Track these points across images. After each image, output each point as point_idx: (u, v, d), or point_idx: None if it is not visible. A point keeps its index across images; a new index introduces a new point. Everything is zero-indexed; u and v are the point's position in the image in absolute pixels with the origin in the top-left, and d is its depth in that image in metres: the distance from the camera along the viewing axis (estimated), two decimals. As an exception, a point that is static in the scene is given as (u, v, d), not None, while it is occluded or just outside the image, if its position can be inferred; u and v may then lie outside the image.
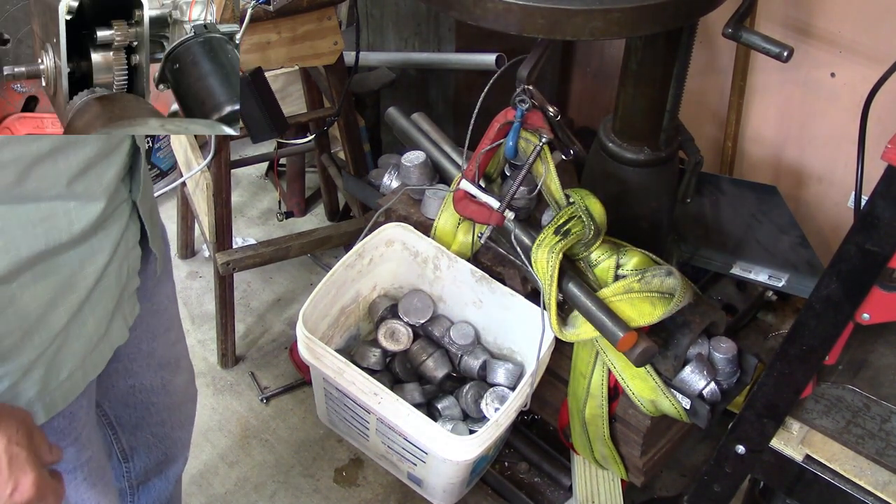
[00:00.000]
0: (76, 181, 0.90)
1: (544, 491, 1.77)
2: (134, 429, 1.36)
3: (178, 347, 1.37)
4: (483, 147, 1.48)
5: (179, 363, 1.38)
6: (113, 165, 0.96)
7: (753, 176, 2.09)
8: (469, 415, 1.62)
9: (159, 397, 1.35)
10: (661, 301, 1.40)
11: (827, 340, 1.06)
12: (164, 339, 1.29)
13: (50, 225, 0.90)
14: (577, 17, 1.24)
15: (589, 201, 1.47)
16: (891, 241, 0.93)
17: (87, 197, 0.93)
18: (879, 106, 1.20)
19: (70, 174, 0.89)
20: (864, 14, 1.76)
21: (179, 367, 1.38)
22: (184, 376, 1.41)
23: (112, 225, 1.00)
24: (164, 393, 1.35)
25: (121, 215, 1.03)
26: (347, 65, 1.98)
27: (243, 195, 2.74)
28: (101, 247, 0.98)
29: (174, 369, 1.36)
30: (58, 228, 0.91)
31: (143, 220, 1.09)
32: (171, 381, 1.36)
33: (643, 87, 1.59)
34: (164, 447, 1.43)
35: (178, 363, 1.37)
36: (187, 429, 1.50)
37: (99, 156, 0.92)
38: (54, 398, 1.00)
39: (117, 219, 1.02)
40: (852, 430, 1.15)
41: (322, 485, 1.97)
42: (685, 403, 1.45)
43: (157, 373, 1.31)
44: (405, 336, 1.67)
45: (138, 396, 1.31)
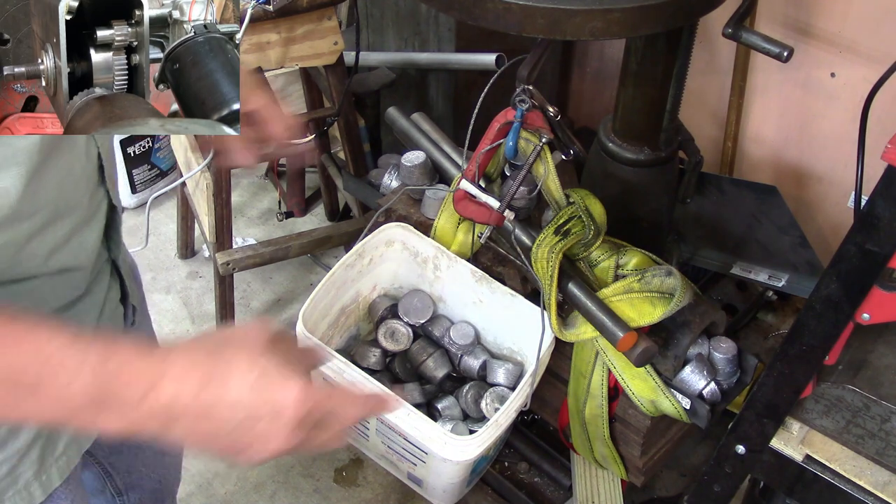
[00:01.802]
0: (60, 253, 0.89)
1: (544, 491, 1.77)
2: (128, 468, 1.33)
3: None
4: (483, 147, 1.47)
5: None
6: (94, 230, 0.95)
7: (753, 176, 2.09)
8: (469, 415, 1.62)
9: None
10: (661, 301, 1.40)
11: (827, 340, 1.06)
12: None
13: (37, 298, 0.88)
14: (577, 17, 1.23)
15: (589, 201, 1.47)
16: (891, 241, 0.93)
17: (72, 266, 0.92)
18: (879, 106, 1.20)
19: (56, 246, 0.87)
20: (864, 14, 1.76)
21: None
22: None
23: (95, 287, 0.99)
24: None
25: (103, 277, 1.02)
26: (347, 65, 1.98)
27: (243, 195, 2.74)
28: (86, 312, 0.97)
29: None
30: (44, 301, 0.90)
31: (122, 277, 1.07)
32: None
33: (643, 87, 1.59)
34: (158, 475, 1.41)
35: None
36: (179, 451, 1.48)
37: (81, 224, 0.91)
38: (51, 475, 0.96)
39: (100, 281, 1.01)
40: (852, 430, 1.15)
41: (322, 485, 1.97)
42: (685, 403, 1.45)
43: None
44: (405, 336, 1.67)
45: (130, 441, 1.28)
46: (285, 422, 0.70)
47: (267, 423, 0.70)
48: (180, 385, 0.68)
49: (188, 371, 0.69)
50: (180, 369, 0.69)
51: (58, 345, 0.67)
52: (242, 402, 0.70)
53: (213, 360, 0.71)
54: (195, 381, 0.69)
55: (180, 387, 0.68)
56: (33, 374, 0.65)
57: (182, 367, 0.69)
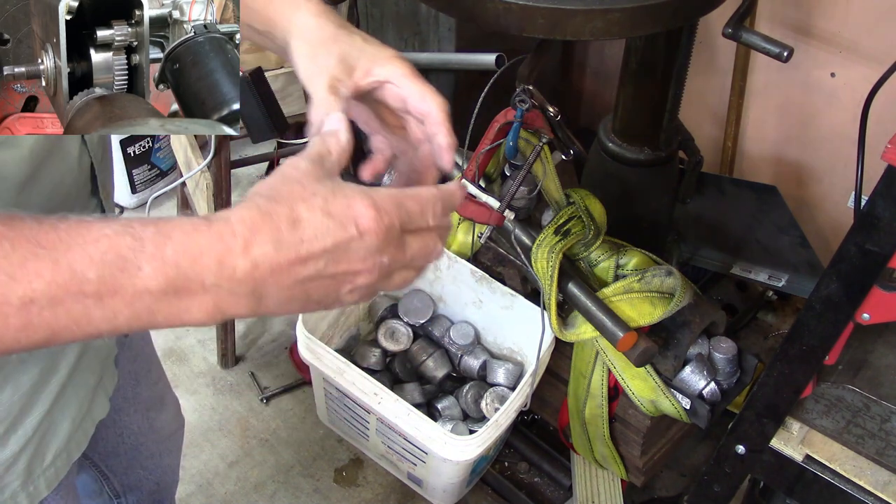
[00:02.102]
0: None
1: (544, 491, 1.77)
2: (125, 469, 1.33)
3: (160, 385, 1.32)
4: (483, 147, 1.47)
5: (164, 399, 1.34)
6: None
7: (753, 176, 2.08)
8: (469, 415, 1.63)
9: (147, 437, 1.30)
10: (661, 301, 1.40)
11: (827, 340, 1.06)
12: (146, 380, 1.25)
13: None
14: (577, 17, 1.23)
15: (589, 201, 1.47)
16: (891, 241, 0.93)
17: None
18: (879, 106, 1.20)
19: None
20: (864, 14, 1.76)
21: (164, 403, 1.34)
22: (170, 410, 1.37)
23: None
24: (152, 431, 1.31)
25: None
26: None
27: (243, 195, 2.74)
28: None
29: (160, 407, 1.32)
30: None
31: None
32: (157, 419, 1.31)
33: (643, 87, 1.59)
34: (156, 477, 1.40)
35: (162, 400, 1.33)
36: (176, 454, 1.46)
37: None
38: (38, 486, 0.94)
39: None
40: (852, 430, 1.15)
41: (322, 485, 1.97)
42: (685, 403, 1.45)
43: (143, 415, 1.27)
44: (405, 336, 1.67)
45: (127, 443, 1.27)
46: (371, 240, 0.63)
47: (356, 245, 0.63)
48: (253, 243, 0.61)
49: (256, 228, 0.62)
50: (246, 229, 0.61)
51: (110, 237, 0.59)
52: (322, 230, 0.62)
53: (275, 207, 0.63)
54: (268, 235, 0.61)
55: (254, 245, 0.61)
56: (95, 274, 0.58)
57: (248, 227, 0.62)
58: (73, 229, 0.59)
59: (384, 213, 0.64)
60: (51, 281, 0.58)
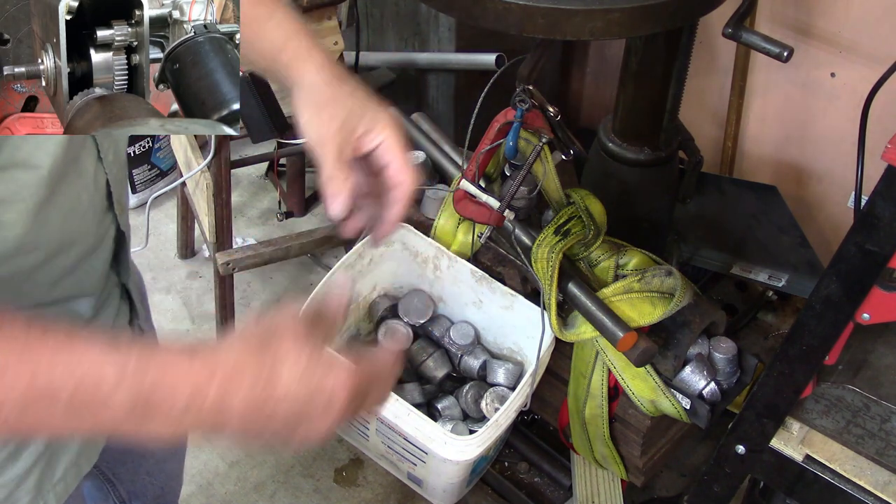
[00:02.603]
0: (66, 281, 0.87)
1: (544, 491, 1.77)
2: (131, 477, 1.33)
3: None
4: (483, 147, 1.48)
5: None
6: (100, 258, 0.94)
7: (753, 176, 2.09)
8: (469, 415, 1.62)
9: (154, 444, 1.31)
10: (661, 301, 1.40)
11: (827, 340, 1.06)
12: None
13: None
14: (577, 17, 1.24)
15: (589, 201, 1.47)
16: (891, 241, 0.93)
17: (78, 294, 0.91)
18: (879, 106, 1.20)
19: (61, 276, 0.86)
20: (864, 14, 1.76)
21: None
22: None
23: (103, 313, 0.98)
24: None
25: (111, 302, 1.00)
26: (347, 65, 1.98)
27: (243, 195, 2.74)
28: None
29: None
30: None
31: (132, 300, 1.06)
32: None
33: (643, 87, 1.59)
34: (161, 483, 1.40)
35: None
36: (180, 460, 1.47)
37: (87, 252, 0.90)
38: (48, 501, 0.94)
39: (108, 306, 0.99)
40: (852, 430, 1.15)
41: (322, 485, 1.97)
42: (685, 403, 1.45)
43: None
44: (405, 336, 1.67)
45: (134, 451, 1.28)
46: (338, 407, 0.69)
47: (320, 412, 0.69)
48: (228, 388, 0.66)
49: (235, 373, 0.67)
50: (226, 373, 0.67)
51: (93, 357, 0.64)
52: (294, 395, 0.68)
53: (260, 357, 0.68)
54: (244, 383, 0.67)
55: (229, 390, 0.66)
56: (70, 390, 0.63)
57: (228, 370, 0.67)
58: (63, 343, 0.64)
59: (357, 396, 0.70)
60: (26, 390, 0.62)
